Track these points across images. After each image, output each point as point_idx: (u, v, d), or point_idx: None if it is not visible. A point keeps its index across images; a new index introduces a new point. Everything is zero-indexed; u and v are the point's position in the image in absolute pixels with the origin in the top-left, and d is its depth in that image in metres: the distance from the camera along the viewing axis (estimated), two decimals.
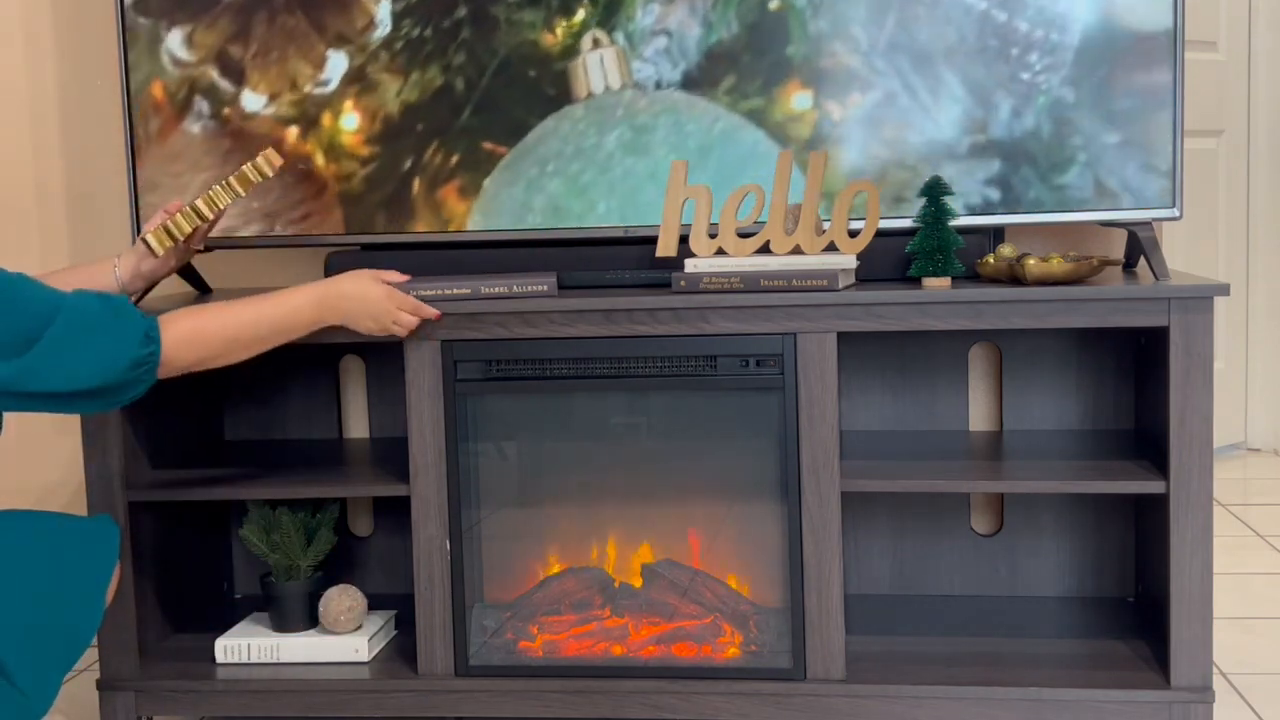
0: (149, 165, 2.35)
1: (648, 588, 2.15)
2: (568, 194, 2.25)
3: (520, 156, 2.25)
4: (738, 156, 2.20)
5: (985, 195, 2.17)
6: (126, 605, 2.19)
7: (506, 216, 2.26)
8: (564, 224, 2.26)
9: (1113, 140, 2.13)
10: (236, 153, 2.32)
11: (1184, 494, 1.95)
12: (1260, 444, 4.15)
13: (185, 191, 2.34)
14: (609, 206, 2.24)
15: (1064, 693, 1.99)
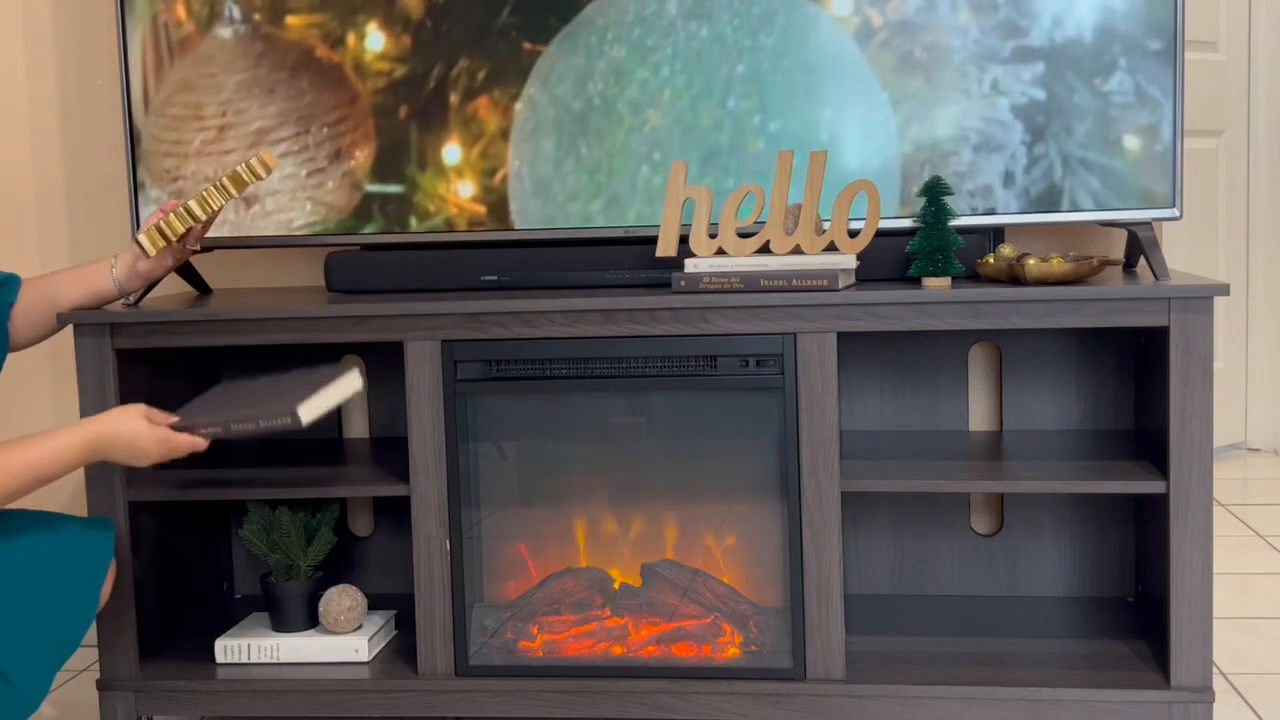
0: (181, 68, 2.33)
1: (648, 588, 2.15)
2: (631, 58, 2.22)
3: (580, 26, 2.23)
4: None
5: (985, 195, 2.17)
6: (126, 605, 2.19)
7: (570, 83, 2.23)
8: (611, 117, 2.24)
9: (1113, 140, 2.13)
10: (269, 54, 2.31)
11: (1184, 494, 1.95)
12: (1260, 444, 4.15)
13: (220, 91, 2.33)
14: (673, 70, 2.20)
15: (1064, 693, 1.99)
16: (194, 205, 2.10)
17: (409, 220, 2.31)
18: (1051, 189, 2.15)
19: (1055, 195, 2.15)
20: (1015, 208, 2.16)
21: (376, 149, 2.31)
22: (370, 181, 2.31)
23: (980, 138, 2.16)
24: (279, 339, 2.11)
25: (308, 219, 2.34)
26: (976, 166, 2.16)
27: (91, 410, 2.13)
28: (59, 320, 2.12)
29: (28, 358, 2.47)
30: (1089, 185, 2.14)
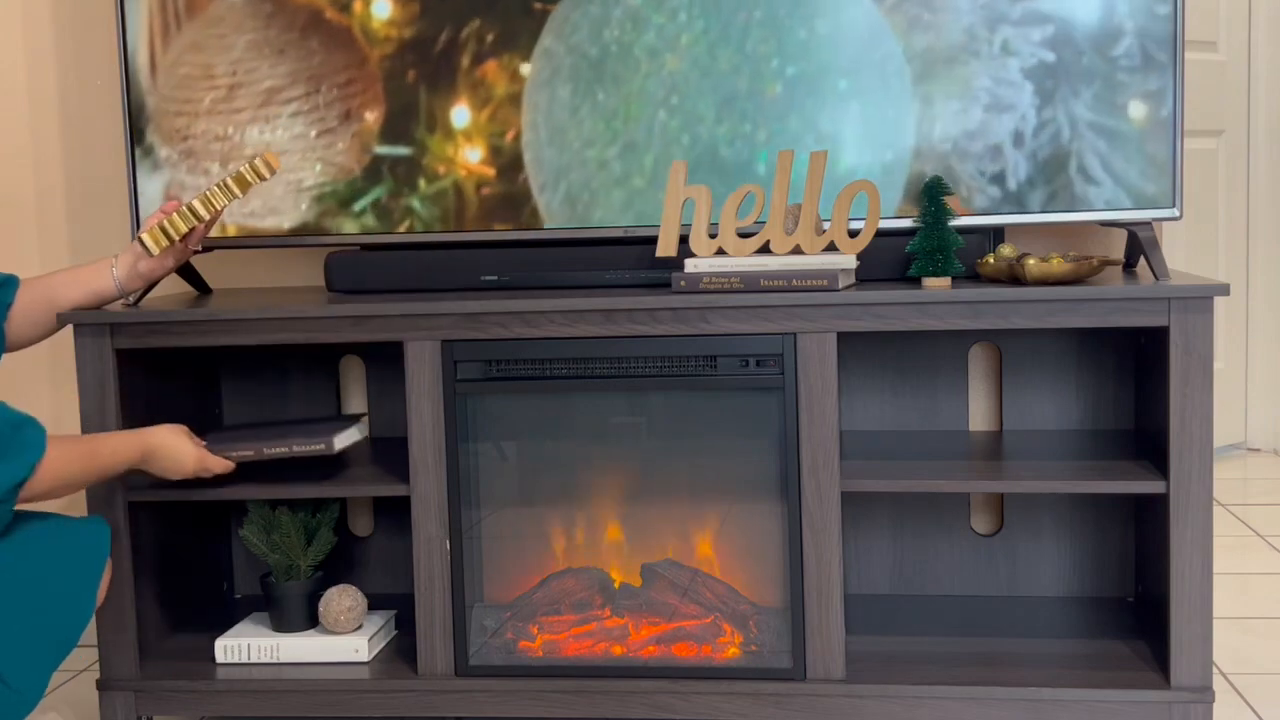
0: (191, 30, 2.32)
1: (648, 588, 2.15)
2: (647, 4, 2.20)
3: None
4: None
5: (985, 194, 2.17)
6: (126, 605, 2.19)
7: (585, 31, 2.21)
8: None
9: (1113, 140, 2.13)
10: (279, 15, 2.30)
11: (1184, 494, 1.95)
12: (1260, 444, 4.15)
13: (230, 51, 2.32)
14: (690, 15, 2.19)
15: (1064, 693, 1.99)
16: (197, 205, 2.10)
17: (418, 182, 2.29)
18: (1052, 189, 2.15)
19: (1055, 195, 2.15)
20: (1015, 208, 2.16)
21: (385, 111, 2.30)
22: (379, 143, 2.31)
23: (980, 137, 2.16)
24: (279, 339, 2.11)
25: (317, 179, 2.32)
26: (976, 166, 2.16)
27: (92, 410, 2.13)
28: (59, 320, 2.12)
29: (28, 358, 2.47)
30: (1089, 185, 2.14)
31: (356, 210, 2.33)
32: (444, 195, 2.30)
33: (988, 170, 2.16)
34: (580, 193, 2.27)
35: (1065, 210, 2.15)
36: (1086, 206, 2.15)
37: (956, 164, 2.16)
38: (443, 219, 2.30)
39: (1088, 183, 2.14)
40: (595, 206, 2.26)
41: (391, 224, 2.31)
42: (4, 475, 1.80)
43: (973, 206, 2.16)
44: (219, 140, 2.33)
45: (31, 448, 1.82)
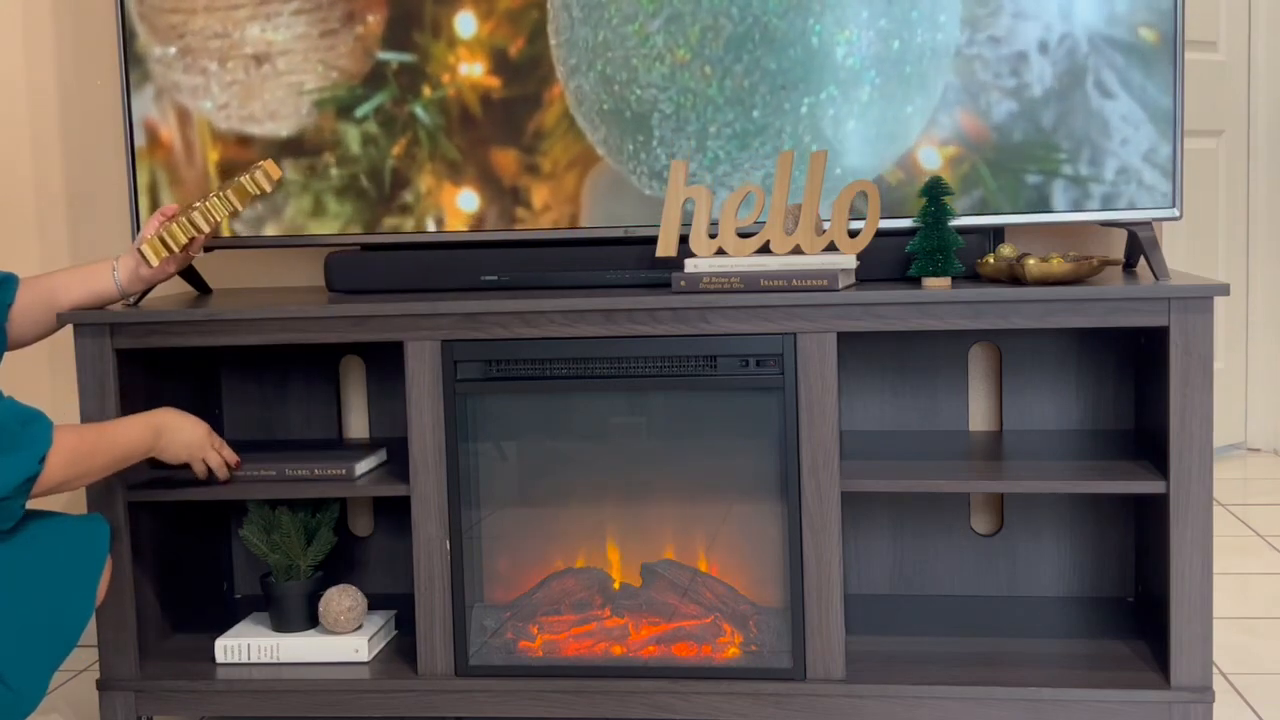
0: None
1: (648, 588, 2.15)
2: None
3: None
4: None
5: (985, 195, 2.16)
6: (126, 605, 2.19)
7: None
8: None
9: (1113, 140, 2.13)
10: None
11: (1184, 494, 1.95)
12: (1260, 444, 4.15)
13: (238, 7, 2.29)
14: None
15: (1064, 693, 1.99)
16: (197, 217, 2.10)
17: (421, 89, 2.27)
18: (1052, 188, 2.15)
19: (1055, 195, 2.15)
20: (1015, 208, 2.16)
21: (388, 15, 2.26)
22: (381, 48, 2.27)
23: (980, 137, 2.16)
24: (279, 339, 2.11)
25: (318, 83, 2.29)
26: (976, 165, 2.16)
27: (92, 410, 2.13)
28: (59, 320, 2.12)
29: (28, 358, 2.47)
30: (1089, 185, 2.14)
31: (358, 116, 2.28)
32: (447, 103, 2.26)
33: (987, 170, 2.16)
34: (618, 72, 2.21)
35: (1065, 210, 2.15)
36: (1086, 206, 2.15)
37: None
38: (447, 129, 2.26)
39: (1087, 182, 2.14)
40: (634, 85, 2.20)
41: (394, 133, 2.27)
42: (13, 470, 1.80)
43: None
44: (217, 38, 2.28)
45: (39, 441, 1.82)
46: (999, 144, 2.15)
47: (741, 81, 2.20)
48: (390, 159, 2.30)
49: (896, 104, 2.17)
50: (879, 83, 2.17)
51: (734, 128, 2.22)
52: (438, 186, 2.29)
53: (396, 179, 2.30)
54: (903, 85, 2.17)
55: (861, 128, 2.18)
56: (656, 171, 2.25)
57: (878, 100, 2.18)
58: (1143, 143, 2.12)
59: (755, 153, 2.22)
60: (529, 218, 2.27)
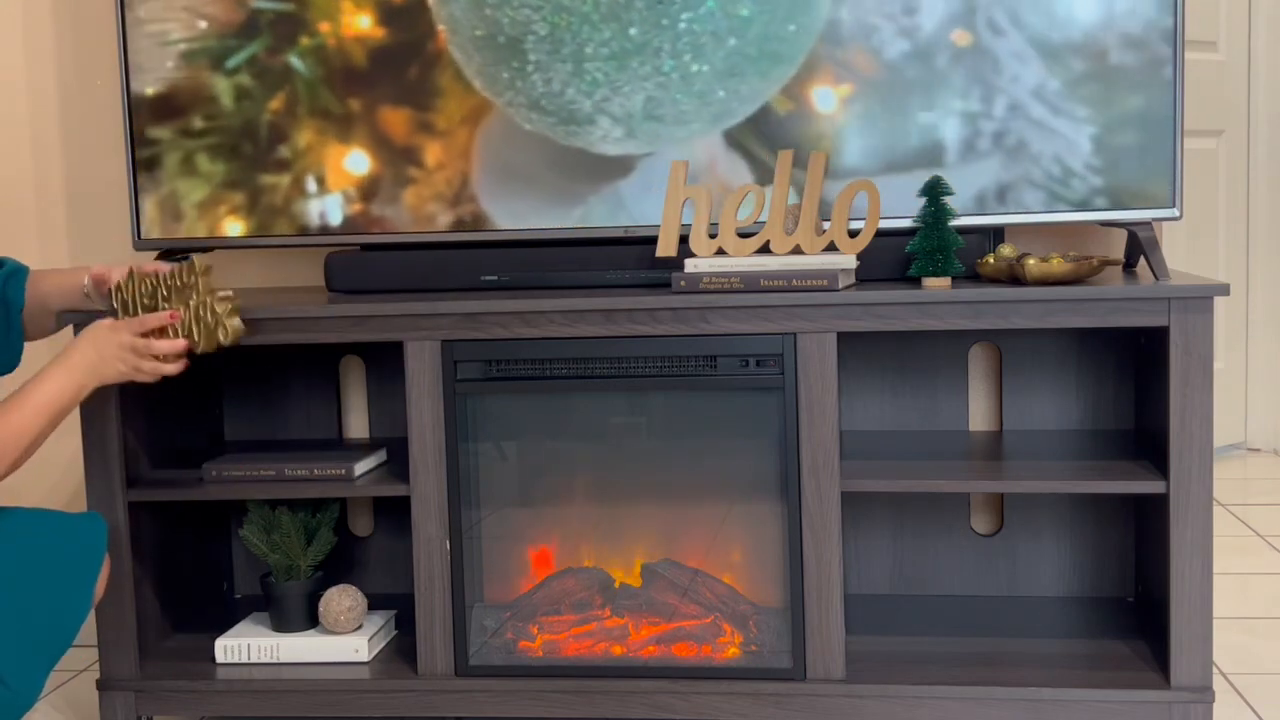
0: None
1: (648, 588, 2.15)
2: None
3: None
4: None
5: (985, 195, 2.16)
6: (126, 605, 2.19)
7: None
8: None
9: (1113, 140, 2.13)
10: None
11: (1184, 494, 1.95)
12: (1260, 444, 4.14)
13: None
14: None
15: (1064, 693, 1.99)
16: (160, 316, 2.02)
17: (299, 39, 2.22)
18: (1052, 189, 2.15)
19: (1055, 195, 2.15)
20: (1015, 208, 2.16)
21: None
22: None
23: (980, 137, 2.16)
24: (279, 339, 2.11)
25: (184, 33, 2.21)
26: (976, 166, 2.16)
27: (91, 410, 2.13)
28: (59, 320, 2.12)
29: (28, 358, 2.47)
30: (1089, 185, 2.14)
31: (229, 67, 2.21)
32: (326, 52, 2.19)
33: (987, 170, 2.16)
34: None
35: (1065, 210, 2.15)
36: (1086, 206, 2.15)
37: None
38: (327, 80, 2.21)
39: (1087, 182, 2.14)
40: (505, 7, 2.12)
41: (268, 87, 2.21)
42: None
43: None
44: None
45: None
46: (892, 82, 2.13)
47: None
48: (266, 114, 2.24)
49: (779, 21, 2.11)
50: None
51: (611, 47, 2.15)
52: (319, 143, 2.24)
53: (274, 135, 2.25)
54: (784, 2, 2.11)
55: (743, 45, 2.12)
56: (534, 101, 2.18)
57: (760, 16, 2.12)
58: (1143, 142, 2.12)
59: (634, 73, 2.16)
60: (422, 177, 2.23)
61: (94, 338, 1.96)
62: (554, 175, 2.23)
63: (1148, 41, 2.10)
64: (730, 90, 2.17)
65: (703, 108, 2.17)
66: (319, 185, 2.25)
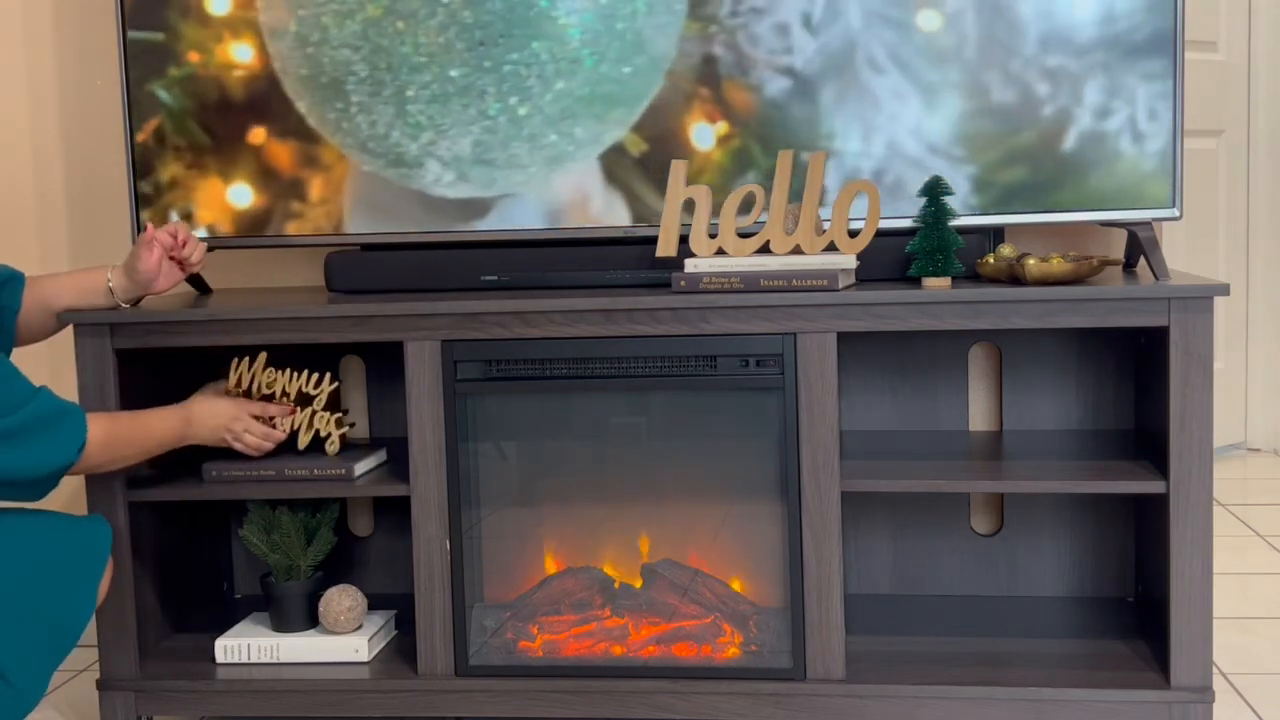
0: None
1: (648, 588, 2.15)
2: None
3: None
4: None
5: (985, 195, 2.16)
6: (126, 605, 2.19)
7: None
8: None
9: (1113, 140, 2.13)
10: None
11: (1184, 494, 1.95)
12: (1260, 444, 4.14)
13: None
14: None
15: (1064, 693, 1.99)
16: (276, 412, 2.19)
17: (167, 69, 2.23)
18: (1052, 189, 2.15)
19: (1055, 195, 2.15)
20: (1015, 208, 2.16)
21: None
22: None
23: (980, 137, 2.16)
24: (279, 339, 2.11)
25: None
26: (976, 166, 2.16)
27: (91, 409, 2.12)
28: (59, 320, 2.12)
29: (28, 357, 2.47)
30: (1089, 185, 2.14)
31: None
32: (197, 83, 2.19)
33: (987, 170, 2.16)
34: (310, 32, 2.09)
35: (1065, 210, 2.15)
36: (1086, 206, 2.15)
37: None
38: (199, 110, 2.21)
39: (1088, 182, 2.14)
40: (326, 46, 2.10)
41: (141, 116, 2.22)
42: (52, 458, 1.90)
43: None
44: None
45: (76, 432, 1.92)
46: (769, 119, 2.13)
47: (436, 38, 2.11)
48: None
49: (611, 63, 2.09)
50: (589, 38, 2.09)
51: (432, 89, 2.13)
52: (185, 176, 2.26)
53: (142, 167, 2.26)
54: (616, 41, 2.09)
55: (572, 87, 2.11)
56: (362, 143, 2.16)
57: (589, 58, 2.10)
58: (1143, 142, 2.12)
59: (458, 116, 2.14)
60: (305, 210, 2.25)
61: (215, 401, 2.15)
62: (422, 213, 2.24)
63: (1147, 41, 2.10)
64: (564, 133, 2.15)
65: (535, 150, 2.16)
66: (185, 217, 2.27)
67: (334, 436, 2.20)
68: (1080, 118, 2.13)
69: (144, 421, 2.07)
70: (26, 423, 1.87)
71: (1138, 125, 2.12)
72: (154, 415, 2.09)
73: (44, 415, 1.89)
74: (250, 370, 2.22)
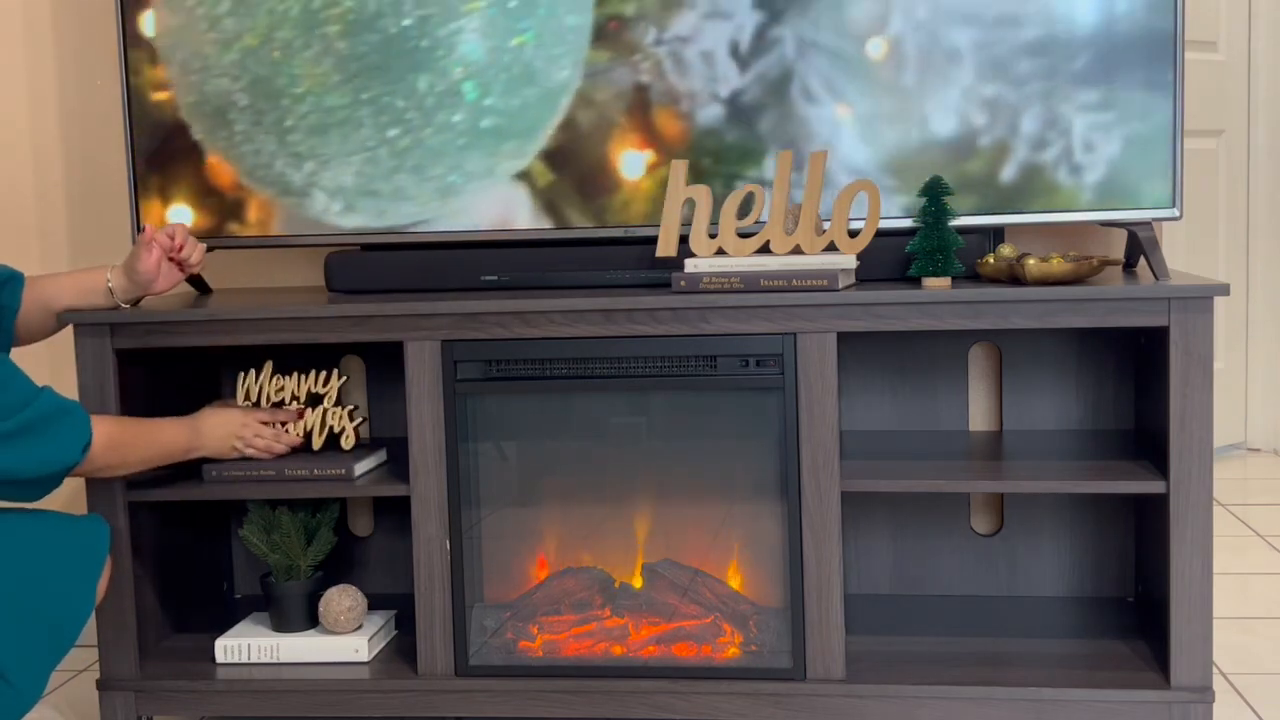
0: None
1: (648, 588, 2.15)
2: None
3: None
4: None
5: (985, 195, 2.16)
6: (126, 605, 2.19)
7: None
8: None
9: (1113, 140, 2.13)
10: None
11: (1184, 494, 1.95)
12: (1260, 444, 4.14)
13: None
14: None
15: (1064, 693, 1.99)
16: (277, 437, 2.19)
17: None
18: (1052, 189, 2.15)
19: (1055, 195, 2.15)
20: (1015, 208, 2.16)
21: None
22: None
23: (980, 137, 2.16)
24: (279, 339, 2.11)
25: None
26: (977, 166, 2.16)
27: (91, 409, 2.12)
28: (59, 320, 2.12)
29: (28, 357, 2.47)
30: (1089, 185, 2.14)
31: None
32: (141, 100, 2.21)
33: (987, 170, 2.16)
34: (192, 60, 2.09)
35: (1065, 210, 2.15)
36: (1086, 206, 2.15)
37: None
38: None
39: (1087, 182, 2.14)
40: (208, 74, 2.09)
41: None
42: (57, 457, 1.91)
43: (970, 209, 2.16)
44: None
45: (80, 432, 1.93)
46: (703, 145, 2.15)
47: (313, 68, 2.11)
48: None
49: (499, 95, 2.07)
50: (472, 70, 2.08)
51: (310, 120, 2.13)
52: None
53: None
54: (503, 73, 2.07)
55: (458, 120, 2.10)
56: (251, 171, 2.16)
57: (472, 91, 2.09)
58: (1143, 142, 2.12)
59: (339, 148, 2.14)
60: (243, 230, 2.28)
61: (222, 412, 2.17)
62: None
63: (1147, 41, 2.10)
64: (453, 166, 2.16)
65: (423, 182, 2.16)
66: None
67: (349, 431, 2.21)
68: (1081, 117, 2.13)
69: (151, 427, 2.07)
70: (30, 422, 1.87)
71: (1137, 125, 2.12)
72: (161, 422, 2.10)
73: (47, 414, 1.90)
74: (257, 382, 2.23)
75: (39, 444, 1.88)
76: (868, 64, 2.11)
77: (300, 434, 2.21)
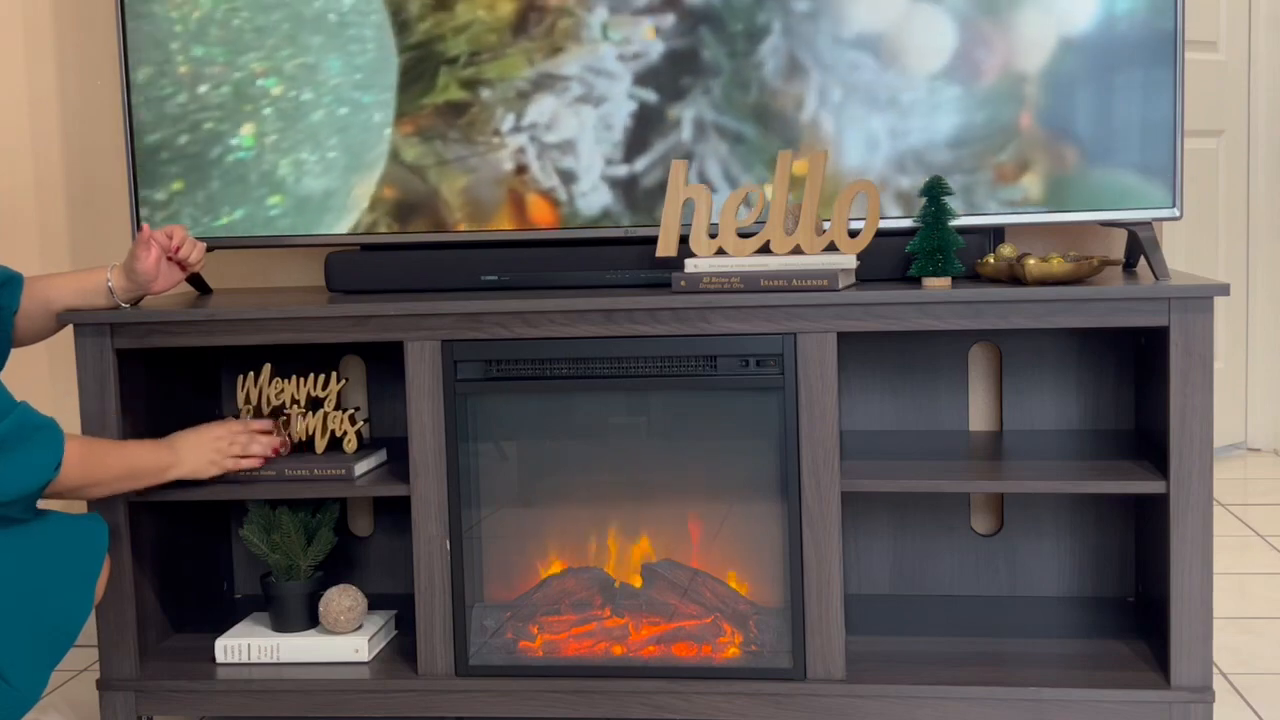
0: None
1: (648, 588, 2.15)
2: None
3: None
4: None
5: (985, 194, 2.16)
6: (126, 605, 2.19)
7: None
8: None
9: (1113, 140, 2.13)
10: None
11: (1184, 494, 1.95)
12: (1260, 444, 4.15)
13: None
14: None
15: (1064, 693, 1.99)
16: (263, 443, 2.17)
17: None
18: (1052, 188, 2.15)
19: (1055, 195, 2.15)
20: (1015, 208, 2.16)
21: None
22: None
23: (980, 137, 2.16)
24: (279, 339, 2.11)
25: None
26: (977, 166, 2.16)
27: (92, 410, 2.14)
28: (58, 320, 2.12)
29: (28, 357, 2.47)
30: (1089, 185, 2.14)
31: None
32: None
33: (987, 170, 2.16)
34: None
35: (1065, 210, 2.15)
36: (1086, 206, 2.15)
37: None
38: None
39: (1088, 182, 2.14)
40: None
41: None
42: (30, 474, 1.86)
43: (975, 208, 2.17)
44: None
45: (53, 449, 1.88)
46: None
47: None
48: None
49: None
50: None
51: None
52: None
53: None
54: None
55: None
56: None
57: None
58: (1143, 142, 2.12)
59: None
60: None
61: (198, 429, 2.12)
62: None
63: (1147, 41, 2.10)
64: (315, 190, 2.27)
65: None
66: None
67: (350, 434, 2.21)
68: (1081, 117, 2.13)
69: (124, 446, 2.05)
70: (3, 437, 1.83)
71: (1138, 125, 2.12)
72: (137, 443, 2.08)
73: (22, 429, 1.85)
74: (257, 385, 2.23)
75: (12, 462, 1.84)
76: (867, 42, 2.11)
77: (285, 441, 2.20)
